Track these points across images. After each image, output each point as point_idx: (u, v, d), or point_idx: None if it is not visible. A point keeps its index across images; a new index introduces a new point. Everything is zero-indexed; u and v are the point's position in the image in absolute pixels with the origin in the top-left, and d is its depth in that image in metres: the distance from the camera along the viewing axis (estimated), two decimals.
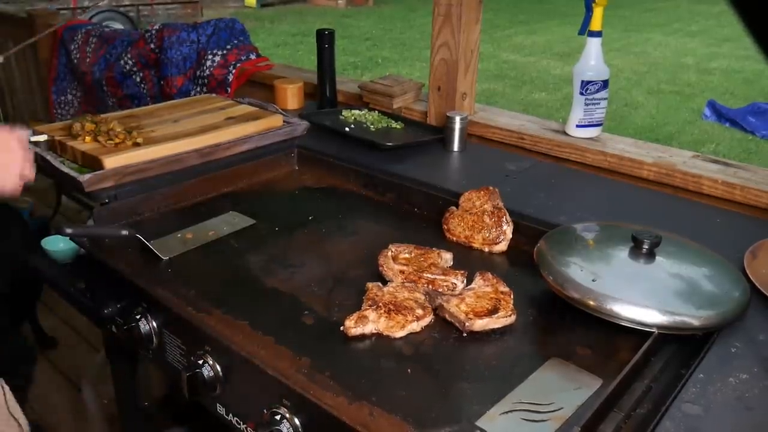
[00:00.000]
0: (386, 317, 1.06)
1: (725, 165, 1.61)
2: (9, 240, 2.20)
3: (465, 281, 1.19)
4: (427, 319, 1.09)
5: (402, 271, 1.21)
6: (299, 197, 1.64)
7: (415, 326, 1.07)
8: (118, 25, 7.63)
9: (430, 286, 1.17)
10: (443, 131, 1.84)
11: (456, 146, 1.81)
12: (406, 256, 1.27)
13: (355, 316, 1.06)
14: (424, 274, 1.20)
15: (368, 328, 1.05)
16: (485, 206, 1.40)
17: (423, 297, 1.13)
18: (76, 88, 3.35)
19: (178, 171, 1.51)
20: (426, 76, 2.01)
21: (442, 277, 1.19)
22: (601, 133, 1.83)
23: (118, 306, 1.27)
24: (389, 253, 1.26)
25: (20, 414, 1.06)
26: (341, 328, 1.06)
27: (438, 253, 1.28)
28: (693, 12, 13.61)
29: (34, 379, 2.25)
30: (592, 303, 1.03)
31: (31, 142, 1.57)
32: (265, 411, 0.98)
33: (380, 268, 1.23)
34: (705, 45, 10.37)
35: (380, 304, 1.08)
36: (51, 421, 2.33)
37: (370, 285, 1.15)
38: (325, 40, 2.07)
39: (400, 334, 1.06)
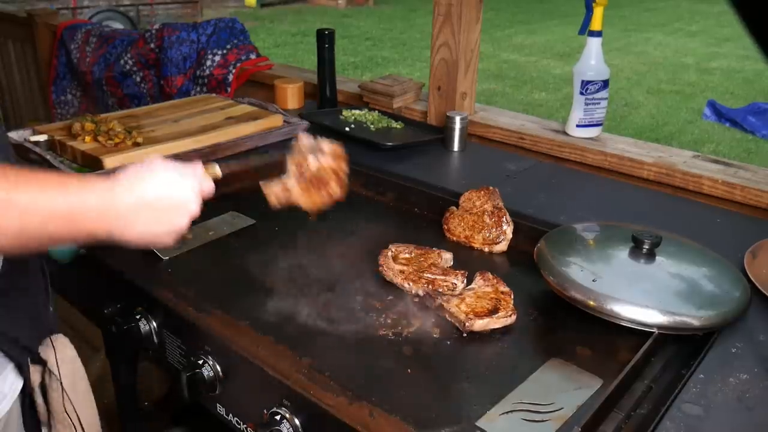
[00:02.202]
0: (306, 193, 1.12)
1: (725, 165, 1.61)
2: None
3: (465, 281, 1.19)
4: (338, 195, 1.15)
5: (402, 271, 1.21)
6: None
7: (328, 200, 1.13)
8: (118, 25, 7.64)
9: (430, 286, 1.17)
10: (443, 131, 1.84)
11: (456, 146, 1.81)
12: (406, 256, 1.27)
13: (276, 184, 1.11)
14: (424, 274, 1.20)
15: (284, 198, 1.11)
16: (485, 206, 1.39)
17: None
18: (76, 87, 3.35)
19: None
20: (426, 76, 2.01)
21: (442, 277, 1.19)
22: (601, 133, 1.83)
23: (118, 306, 1.26)
24: (389, 253, 1.26)
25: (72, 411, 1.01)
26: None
27: (438, 253, 1.28)
28: (693, 12, 13.61)
29: None
30: (592, 303, 1.03)
31: (30, 141, 1.57)
32: (265, 411, 0.98)
33: (380, 268, 1.23)
34: (705, 45, 10.37)
35: (305, 176, 1.12)
36: None
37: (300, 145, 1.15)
38: (325, 39, 2.07)
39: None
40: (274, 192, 1.12)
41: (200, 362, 1.07)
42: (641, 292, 1.04)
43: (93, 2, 9.33)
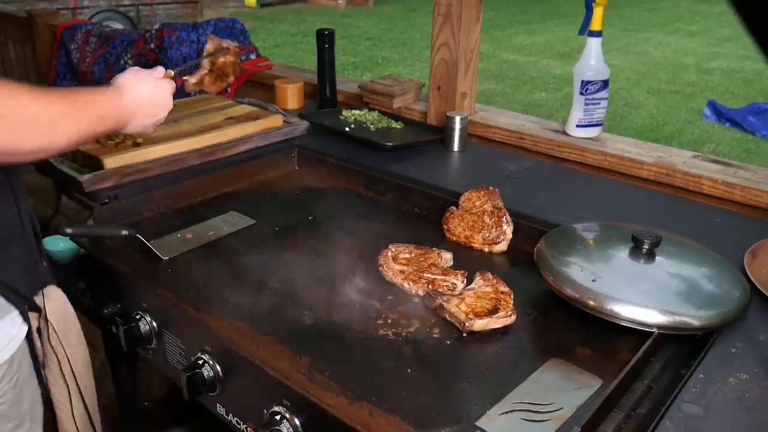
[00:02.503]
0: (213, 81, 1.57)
1: (725, 165, 1.61)
2: None
3: (465, 281, 1.19)
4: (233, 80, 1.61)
5: (402, 271, 1.21)
6: (299, 197, 1.64)
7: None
8: (118, 25, 7.64)
9: (430, 286, 1.17)
10: (443, 131, 1.84)
11: (456, 146, 1.81)
12: (406, 256, 1.27)
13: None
14: (424, 274, 1.20)
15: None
16: (485, 206, 1.39)
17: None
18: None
19: (178, 171, 1.51)
20: (426, 76, 2.01)
21: (442, 277, 1.19)
22: (601, 133, 1.83)
23: (118, 306, 1.27)
24: (389, 253, 1.26)
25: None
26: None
27: (438, 253, 1.28)
28: (693, 12, 13.61)
29: None
30: (592, 303, 1.03)
31: None
32: (265, 411, 0.98)
33: (380, 268, 1.23)
34: (705, 45, 10.36)
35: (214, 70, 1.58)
36: None
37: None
38: (325, 39, 2.07)
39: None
40: (192, 83, 1.58)
41: (200, 362, 1.08)
42: (641, 292, 1.04)
43: (93, 2, 9.33)
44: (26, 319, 1.05)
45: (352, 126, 1.94)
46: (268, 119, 1.74)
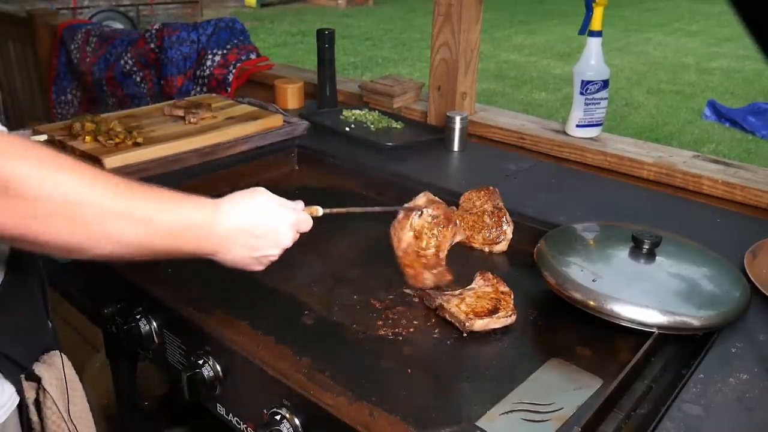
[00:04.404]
0: None
1: (725, 165, 1.61)
2: None
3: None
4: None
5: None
6: (299, 197, 1.63)
7: None
8: (118, 25, 7.63)
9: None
10: (443, 131, 1.84)
11: (456, 146, 1.81)
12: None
13: None
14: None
15: None
16: (485, 206, 1.39)
17: None
18: (76, 87, 3.35)
19: (178, 171, 1.51)
20: (426, 76, 2.01)
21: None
22: (601, 133, 1.83)
23: (118, 306, 1.26)
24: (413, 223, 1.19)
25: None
26: None
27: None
28: (693, 12, 13.60)
29: None
30: (592, 303, 1.03)
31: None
32: (265, 411, 0.98)
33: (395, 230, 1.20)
34: (705, 45, 10.36)
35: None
36: None
37: None
38: (325, 39, 2.07)
39: None
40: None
41: (200, 362, 1.07)
42: (641, 292, 1.04)
43: (93, 2, 9.32)
44: (19, 390, 0.91)
45: (353, 126, 1.94)
46: (268, 119, 1.75)
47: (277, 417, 0.95)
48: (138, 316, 1.21)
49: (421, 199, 1.19)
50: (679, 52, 9.85)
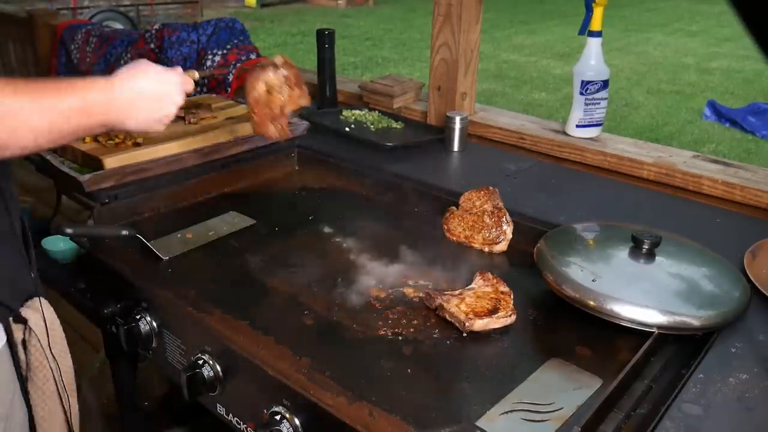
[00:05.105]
0: None
1: (725, 165, 1.61)
2: None
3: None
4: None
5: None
6: (299, 197, 1.64)
7: None
8: (118, 25, 7.63)
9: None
10: (443, 131, 1.84)
11: (456, 146, 1.81)
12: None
13: None
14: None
15: None
16: (485, 206, 1.39)
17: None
18: None
19: (178, 171, 1.51)
20: (426, 76, 2.01)
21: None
22: (601, 133, 1.83)
23: (118, 306, 1.26)
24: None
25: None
26: None
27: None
28: (693, 12, 13.60)
29: None
30: (592, 303, 1.03)
31: None
32: (265, 411, 0.98)
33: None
34: (705, 45, 10.36)
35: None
36: None
37: None
38: (325, 39, 2.07)
39: None
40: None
41: (200, 362, 1.07)
42: (641, 292, 1.04)
43: (93, 2, 9.32)
44: (7, 328, 1.03)
45: (353, 126, 1.94)
46: None
47: (277, 417, 0.95)
48: (138, 316, 1.21)
49: (278, 59, 1.38)
50: (679, 52, 9.85)
